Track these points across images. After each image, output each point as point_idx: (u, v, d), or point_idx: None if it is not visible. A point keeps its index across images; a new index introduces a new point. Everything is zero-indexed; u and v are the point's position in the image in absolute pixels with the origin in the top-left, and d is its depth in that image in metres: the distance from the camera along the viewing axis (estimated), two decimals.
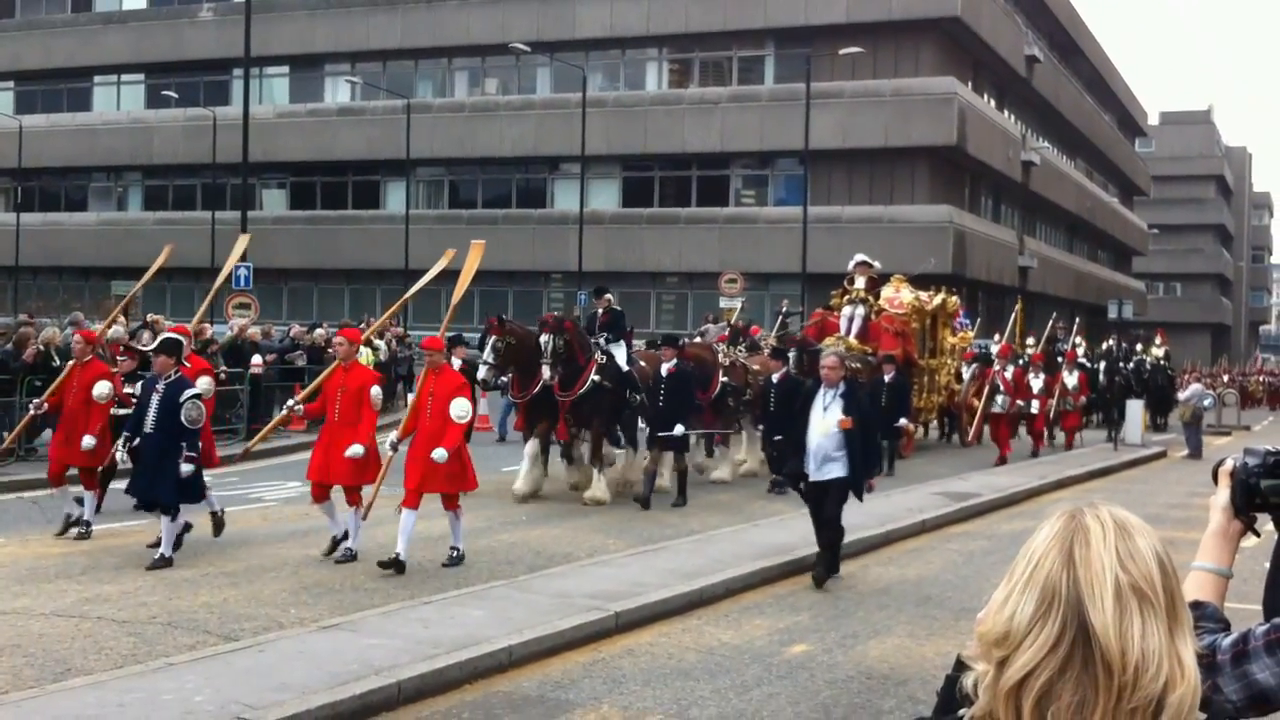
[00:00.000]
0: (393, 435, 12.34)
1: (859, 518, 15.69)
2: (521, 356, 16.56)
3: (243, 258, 31.69)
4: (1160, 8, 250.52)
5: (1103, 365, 33.42)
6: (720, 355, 20.23)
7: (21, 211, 55.10)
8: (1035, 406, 26.57)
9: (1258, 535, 2.60)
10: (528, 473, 16.83)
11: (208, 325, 25.03)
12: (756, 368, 20.13)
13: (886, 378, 22.01)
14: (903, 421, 22.05)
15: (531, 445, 16.94)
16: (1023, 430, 27.25)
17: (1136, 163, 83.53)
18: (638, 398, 16.99)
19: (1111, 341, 38.84)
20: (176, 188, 57.87)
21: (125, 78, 59.56)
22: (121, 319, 18.79)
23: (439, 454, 11.53)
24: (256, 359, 23.86)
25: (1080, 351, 34.72)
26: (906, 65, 46.97)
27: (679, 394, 16.77)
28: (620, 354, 17.28)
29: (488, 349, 16.56)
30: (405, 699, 7.85)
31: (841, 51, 42.49)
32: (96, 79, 60.05)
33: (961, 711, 1.83)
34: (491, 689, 8.37)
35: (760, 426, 19.43)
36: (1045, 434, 27.65)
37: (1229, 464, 2.55)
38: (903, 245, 43.05)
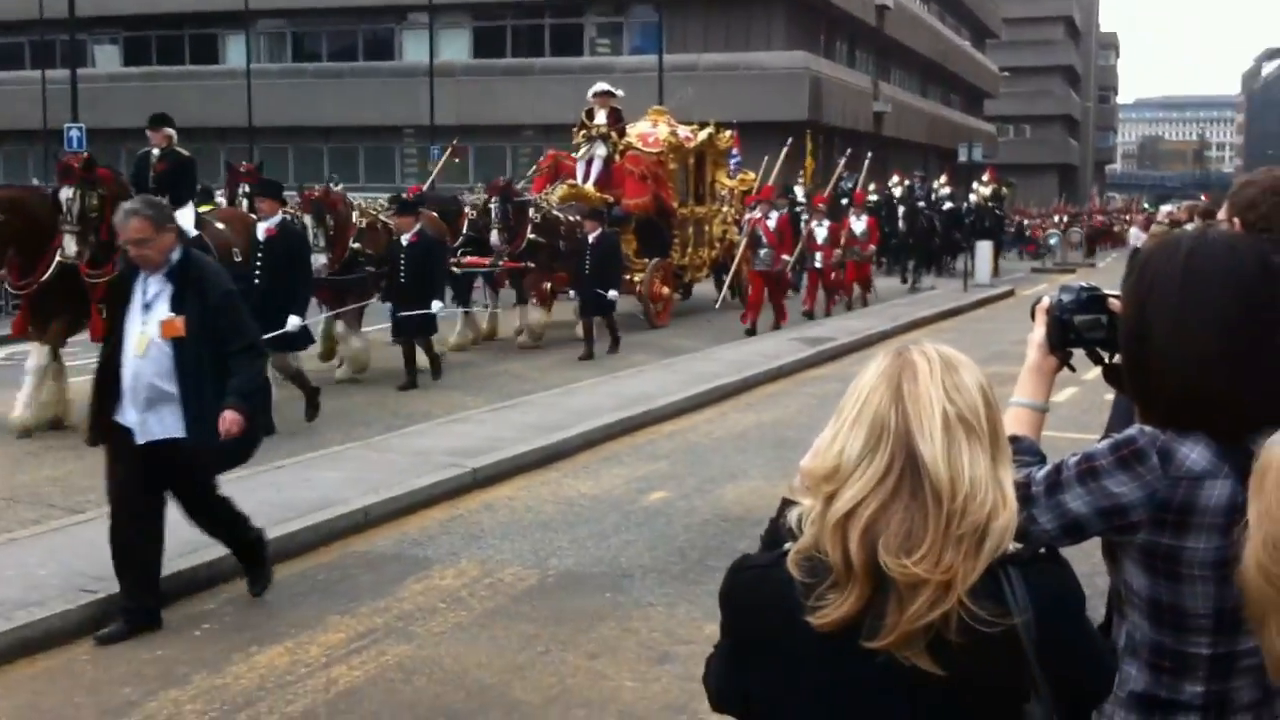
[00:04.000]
0: None
1: (716, 366, 15.86)
2: (23, 228, 11.65)
3: (75, 118, 30.55)
4: None
5: (901, 210, 30.96)
6: (355, 214, 15.29)
7: None
8: (819, 260, 23.00)
9: (1073, 370, 2.64)
10: (31, 394, 11.68)
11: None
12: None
13: (590, 237, 17.32)
14: (612, 294, 17.27)
15: (38, 354, 11.80)
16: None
17: (988, 5, 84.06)
18: None
19: (907, 181, 35.27)
20: (2, 46, 54.85)
21: None
22: None
23: None
24: None
25: (897, 194, 32.60)
26: None
27: (285, 266, 11.97)
28: (184, 217, 12.34)
29: None
30: None
31: None
32: None
33: (786, 545, 1.84)
34: (348, 550, 8.32)
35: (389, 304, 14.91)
36: (836, 289, 24.25)
37: (1045, 301, 2.58)
38: (759, 93, 42.99)
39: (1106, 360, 2.53)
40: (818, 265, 23.00)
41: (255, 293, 11.22)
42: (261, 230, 12.15)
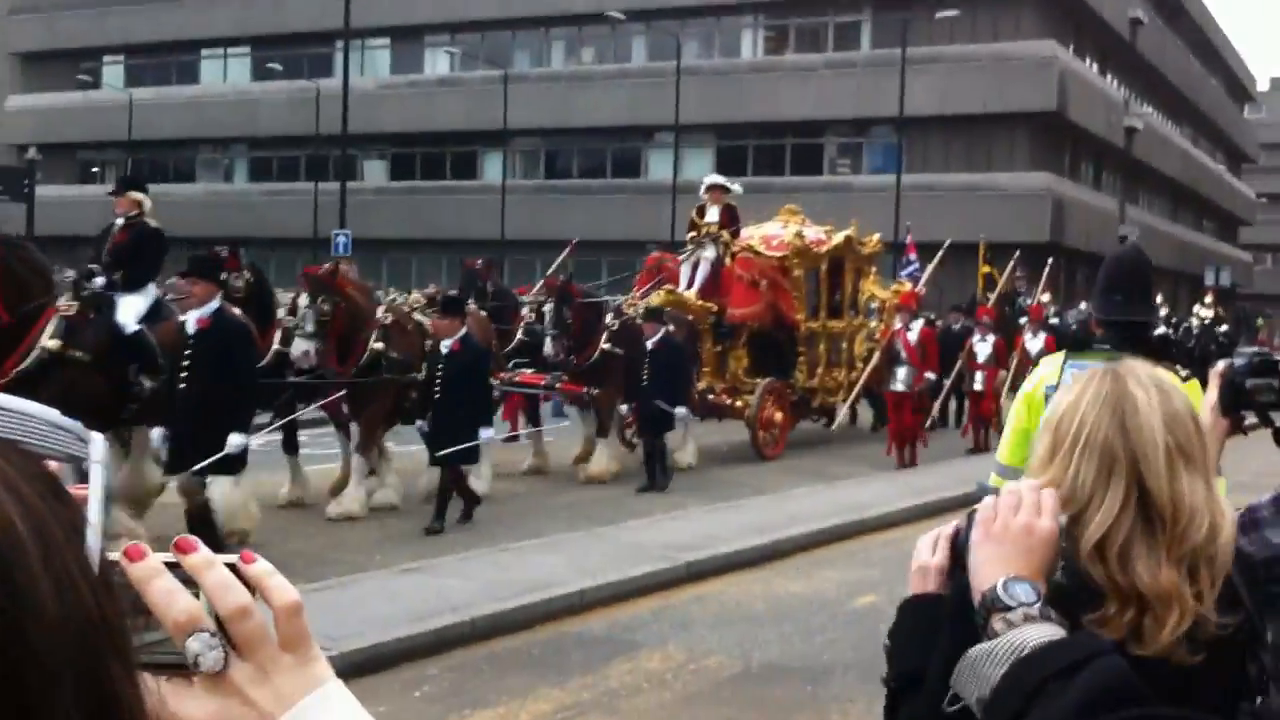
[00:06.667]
0: None
1: (936, 479, 15.78)
2: None
3: (342, 225, 32.78)
4: None
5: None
6: (380, 308, 13.09)
7: None
8: (979, 381, 19.40)
9: (1245, 434, 2.81)
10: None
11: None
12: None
13: (649, 343, 14.62)
14: (680, 411, 14.88)
15: None
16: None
17: (1244, 129, 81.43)
18: (147, 383, 9.95)
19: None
20: (281, 159, 59.08)
21: (231, 51, 60.82)
22: None
23: None
24: None
25: (1048, 307, 27.03)
26: (1006, 28, 46.33)
27: (218, 368, 9.48)
28: (133, 304, 10.23)
29: None
30: (479, 635, 8.23)
31: (938, 15, 42.07)
32: (204, 52, 61.40)
33: None
34: (562, 629, 8.73)
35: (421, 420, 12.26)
36: (995, 418, 19.26)
37: (1220, 366, 2.77)
38: (1000, 214, 42.68)
39: (1278, 424, 2.70)
40: (977, 387, 19.56)
41: (181, 400, 9.48)
42: (192, 321, 9.62)
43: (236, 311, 10.38)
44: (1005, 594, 1.65)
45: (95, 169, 63.95)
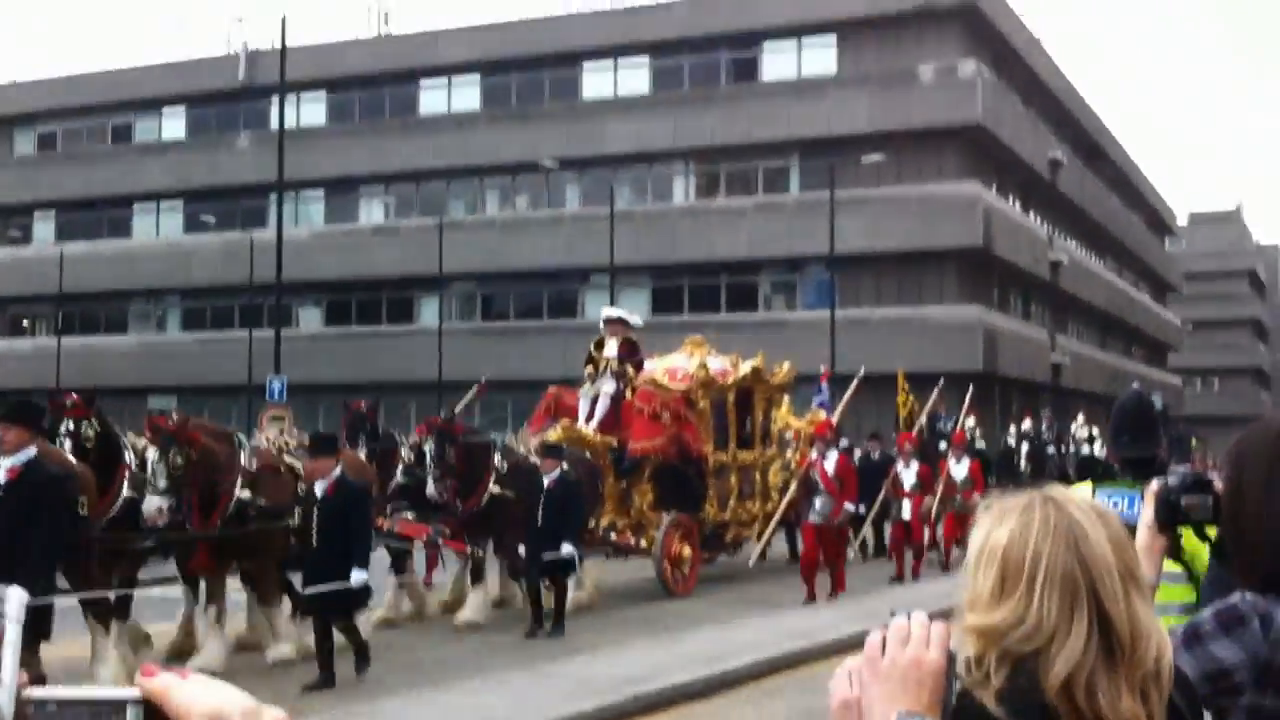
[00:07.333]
0: None
1: (886, 604, 15.64)
2: None
3: (277, 371, 32.54)
4: (1185, 110, 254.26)
5: (1024, 449, 27.90)
6: (244, 455, 12.04)
7: (62, 335, 56.13)
8: (906, 509, 19.44)
9: (1181, 549, 2.82)
10: None
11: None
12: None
13: (546, 480, 13.82)
14: (566, 549, 13.65)
15: None
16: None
17: (1167, 260, 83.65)
18: None
19: (1029, 421, 31.67)
20: (214, 308, 58.84)
21: (164, 204, 60.92)
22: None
23: None
24: None
25: (971, 433, 26.59)
26: (930, 171, 47.52)
27: (25, 523, 8.75)
28: None
29: None
30: None
31: (864, 160, 43.10)
32: (136, 206, 61.42)
33: (958, 685, 1.88)
34: None
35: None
36: (927, 545, 20.03)
37: (1154, 485, 2.78)
38: (934, 345, 43.29)
39: (1213, 539, 2.70)
40: (904, 516, 19.50)
41: None
42: (1, 470, 8.83)
43: (69, 458, 9.78)
44: None
45: (25, 322, 63.44)
